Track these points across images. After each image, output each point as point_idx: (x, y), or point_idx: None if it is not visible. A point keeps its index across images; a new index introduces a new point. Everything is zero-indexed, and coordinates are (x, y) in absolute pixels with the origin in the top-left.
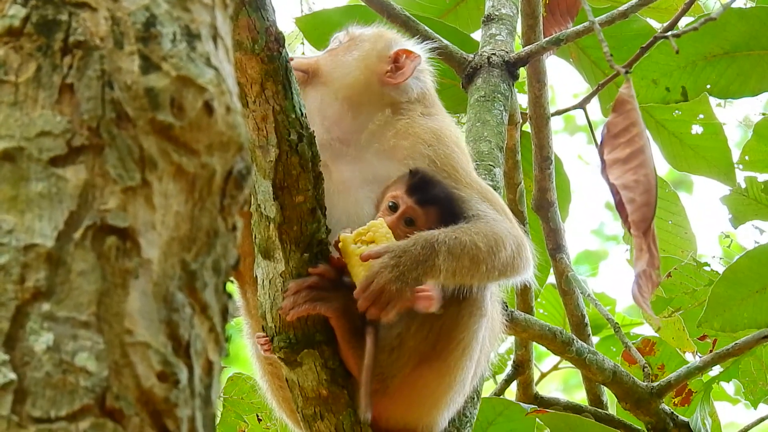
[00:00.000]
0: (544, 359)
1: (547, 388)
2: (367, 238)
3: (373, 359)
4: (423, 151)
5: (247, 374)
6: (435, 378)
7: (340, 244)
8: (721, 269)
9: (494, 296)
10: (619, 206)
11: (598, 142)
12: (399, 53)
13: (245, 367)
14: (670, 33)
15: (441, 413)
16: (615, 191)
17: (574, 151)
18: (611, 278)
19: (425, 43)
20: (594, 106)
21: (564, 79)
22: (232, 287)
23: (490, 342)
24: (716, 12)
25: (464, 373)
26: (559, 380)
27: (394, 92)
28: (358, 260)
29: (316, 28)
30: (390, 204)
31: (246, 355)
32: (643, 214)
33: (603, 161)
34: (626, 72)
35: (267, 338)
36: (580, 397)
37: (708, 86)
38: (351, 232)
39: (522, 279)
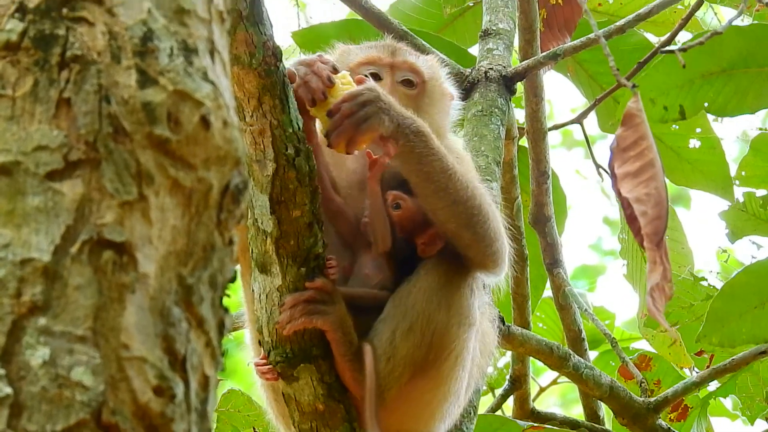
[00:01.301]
0: (542, 374)
1: (545, 403)
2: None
3: (374, 379)
4: None
5: (241, 390)
6: (430, 389)
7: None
8: (718, 284)
9: (482, 308)
10: (631, 220)
11: (609, 157)
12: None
13: (242, 381)
14: (677, 48)
15: (437, 425)
16: (627, 205)
17: (572, 166)
18: (609, 293)
19: (447, 72)
20: (591, 121)
21: (561, 94)
22: (234, 294)
23: (482, 354)
24: (723, 26)
25: (458, 384)
26: (557, 395)
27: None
28: (346, 90)
29: (313, 42)
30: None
31: (242, 369)
32: (656, 227)
33: (614, 175)
34: (633, 86)
35: (265, 363)
36: (578, 411)
37: (705, 104)
38: None
39: (493, 263)
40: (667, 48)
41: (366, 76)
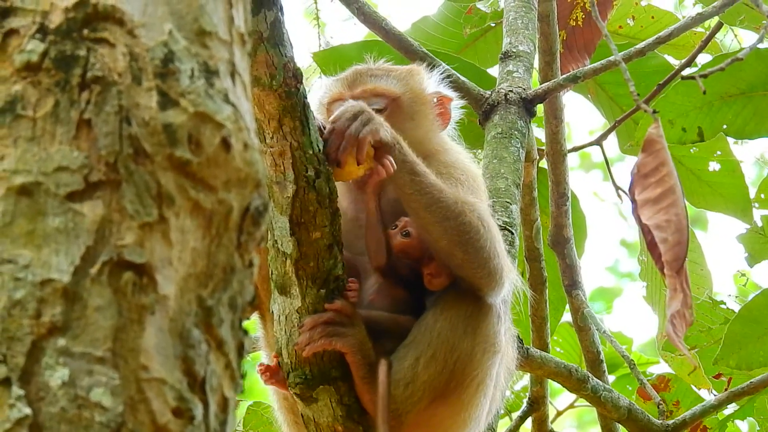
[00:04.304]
0: (557, 396)
1: (561, 426)
2: None
3: (387, 388)
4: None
5: (267, 404)
6: (449, 415)
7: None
8: (736, 307)
9: (508, 332)
10: (651, 246)
11: (629, 183)
12: (440, 99)
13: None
14: (698, 74)
15: None
16: (647, 231)
17: (590, 188)
18: (626, 315)
19: (441, 74)
20: (611, 143)
21: (579, 116)
22: (251, 320)
23: (505, 378)
24: (743, 53)
25: (479, 411)
26: (573, 417)
27: (438, 134)
28: None
29: (333, 63)
30: (393, 227)
31: (260, 389)
32: (676, 253)
33: (634, 201)
34: (654, 112)
35: (267, 369)
36: None
37: (724, 126)
38: None
39: (488, 284)
40: (688, 74)
41: None
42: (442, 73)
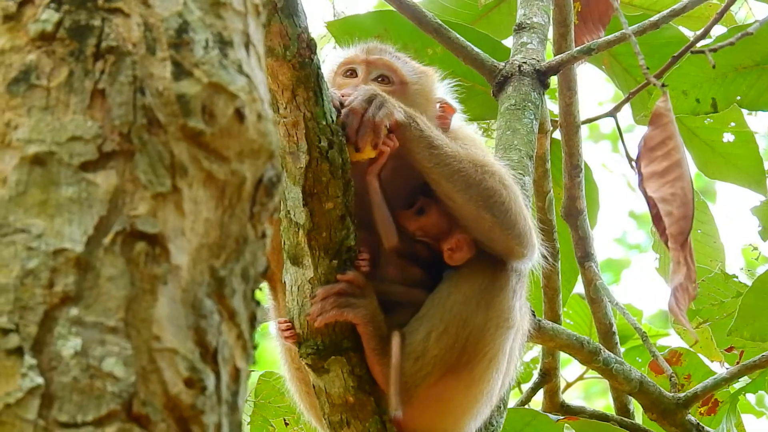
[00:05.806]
0: (565, 367)
1: (568, 397)
2: None
3: (400, 359)
4: None
5: (278, 375)
6: (461, 390)
7: None
8: (747, 280)
9: (524, 307)
10: (656, 219)
11: (635, 156)
12: (443, 106)
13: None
14: (707, 48)
15: (467, 425)
16: (652, 204)
17: (599, 159)
18: (634, 287)
19: (450, 85)
20: (623, 114)
21: (589, 87)
22: (262, 291)
23: (519, 352)
24: (753, 27)
25: (491, 385)
26: (580, 389)
27: None
28: None
29: (348, 33)
30: (408, 207)
31: (270, 359)
32: (681, 227)
33: (640, 174)
34: (663, 86)
35: (288, 323)
36: (601, 405)
37: (738, 98)
38: None
39: (519, 244)
40: (698, 48)
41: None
42: (452, 85)
